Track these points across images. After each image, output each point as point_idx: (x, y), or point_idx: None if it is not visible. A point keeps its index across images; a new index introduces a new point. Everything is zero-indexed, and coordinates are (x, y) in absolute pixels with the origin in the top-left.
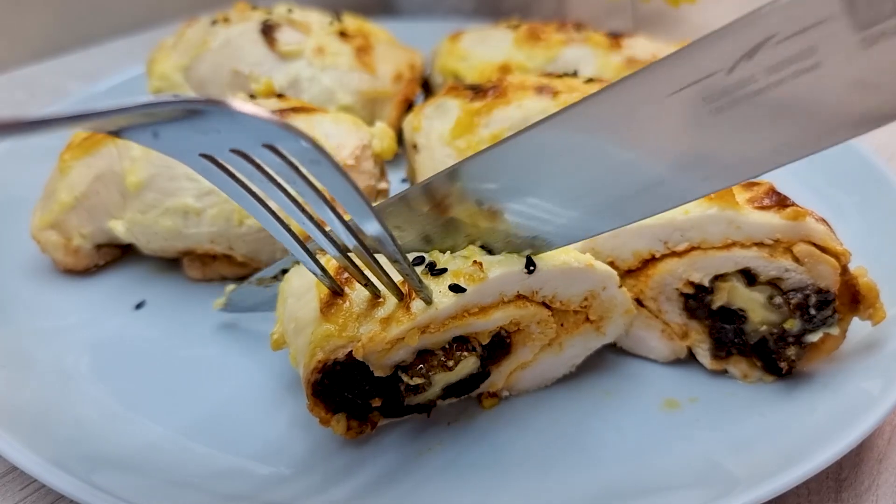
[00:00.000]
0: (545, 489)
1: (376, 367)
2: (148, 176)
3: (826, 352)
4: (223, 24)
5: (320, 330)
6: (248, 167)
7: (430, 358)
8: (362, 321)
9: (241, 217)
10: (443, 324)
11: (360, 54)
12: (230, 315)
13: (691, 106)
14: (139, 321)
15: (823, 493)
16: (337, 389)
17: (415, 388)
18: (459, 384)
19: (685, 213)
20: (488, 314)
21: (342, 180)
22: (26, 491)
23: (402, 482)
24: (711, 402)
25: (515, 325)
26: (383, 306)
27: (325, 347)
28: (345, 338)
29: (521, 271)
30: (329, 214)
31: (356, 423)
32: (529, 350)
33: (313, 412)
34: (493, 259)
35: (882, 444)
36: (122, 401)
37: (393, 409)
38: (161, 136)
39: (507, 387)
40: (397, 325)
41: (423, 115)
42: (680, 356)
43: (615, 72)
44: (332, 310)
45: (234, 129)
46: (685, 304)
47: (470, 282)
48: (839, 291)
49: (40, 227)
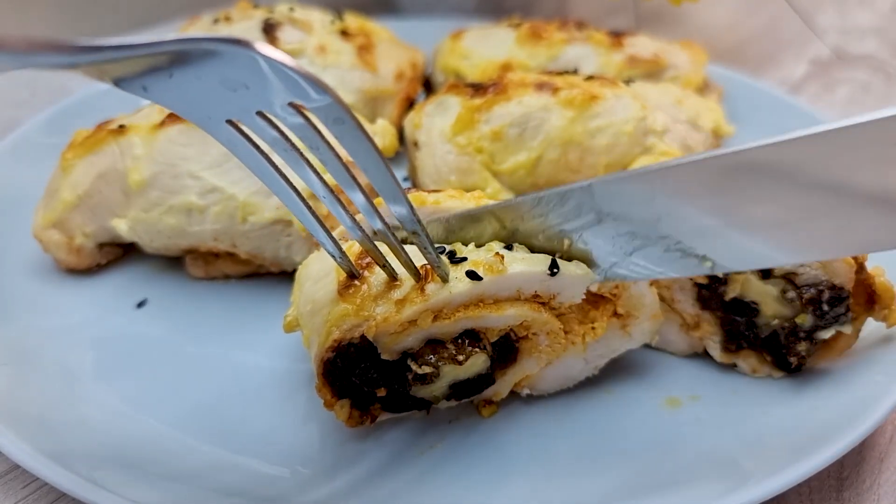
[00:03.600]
0: (548, 488)
1: (385, 349)
2: (151, 174)
3: (838, 350)
4: (225, 22)
5: (337, 309)
6: (272, 136)
7: (441, 349)
8: (378, 302)
9: (245, 214)
10: (455, 310)
11: (361, 53)
12: (232, 314)
13: None
14: (142, 320)
15: (825, 492)
16: (346, 373)
17: (422, 378)
18: (465, 384)
19: None
20: (502, 308)
21: (364, 140)
22: (29, 489)
23: (403, 480)
24: (713, 401)
25: (526, 329)
26: (400, 288)
27: (342, 326)
28: (361, 317)
29: (543, 272)
30: (352, 184)
31: (357, 413)
32: (535, 362)
33: (320, 392)
34: (516, 255)
35: (884, 442)
36: (124, 399)
37: (394, 404)
38: (182, 85)
39: (529, 385)
40: (411, 305)
41: (424, 112)
42: (697, 350)
43: (616, 70)
44: (349, 290)
45: (257, 76)
46: (698, 294)
47: (488, 272)
48: (855, 290)
49: (43, 226)
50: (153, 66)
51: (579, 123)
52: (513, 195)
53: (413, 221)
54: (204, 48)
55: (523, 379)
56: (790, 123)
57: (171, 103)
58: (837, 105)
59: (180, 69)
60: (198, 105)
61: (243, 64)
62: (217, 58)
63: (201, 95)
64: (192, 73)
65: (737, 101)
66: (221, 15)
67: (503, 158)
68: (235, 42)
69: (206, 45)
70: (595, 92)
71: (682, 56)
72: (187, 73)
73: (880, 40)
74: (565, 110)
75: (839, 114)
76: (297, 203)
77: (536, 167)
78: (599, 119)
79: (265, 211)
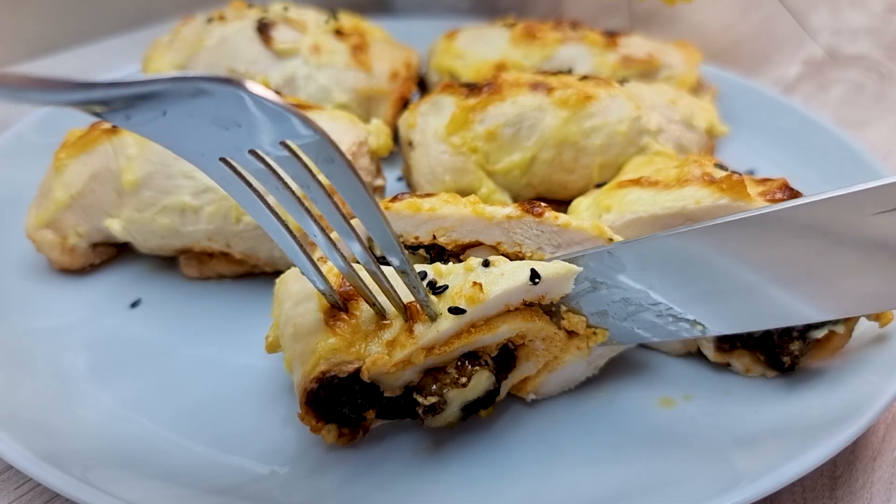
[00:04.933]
0: (543, 489)
1: (387, 387)
2: (144, 174)
3: (831, 350)
4: (219, 22)
5: (326, 343)
6: (262, 173)
7: (442, 376)
8: (369, 340)
9: (239, 214)
10: (448, 342)
11: (356, 52)
12: (226, 314)
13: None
14: (135, 320)
15: (818, 491)
16: (331, 402)
17: (432, 409)
18: (476, 402)
19: (696, 202)
20: (494, 327)
21: (356, 181)
22: (22, 489)
23: (397, 481)
24: (706, 401)
25: (521, 338)
26: (389, 328)
27: (331, 360)
28: (352, 354)
29: (524, 284)
30: (342, 224)
31: (348, 431)
32: (533, 365)
33: (304, 421)
34: (495, 274)
35: (876, 441)
36: (117, 399)
37: (387, 411)
38: (175, 123)
39: (534, 390)
40: (401, 349)
41: (419, 112)
42: (691, 350)
43: (611, 70)
44: (337, 322)
45: (248, 115)
46: None
47: (470, 303)
48: None
49: (36, 226)
50: (146, 104)
51: (574, 123)
52: (508, 195)
53: (402, 262)
54: (196, 87)
55: (528, 384)
56: (784, 123)
57: (164, 140)
58: (831, 105)
59: (173, 107)
60: (191, 142)
61: (234, 102)
62: (209, 96)
63: (195, 133)
64: (184, 111)
65: (731, 102)
66: (216, 14)
67: (498, 158)
68: (226, 81)
69: (198, 84)
70: (589, 92)
71: (677, 56)
72: (180, 111)
73: (873, 41)
74: (560, 110)
75: (832, 114)
76: (289, 241)
77: (531, 167)
78: (594, 119)
79: None
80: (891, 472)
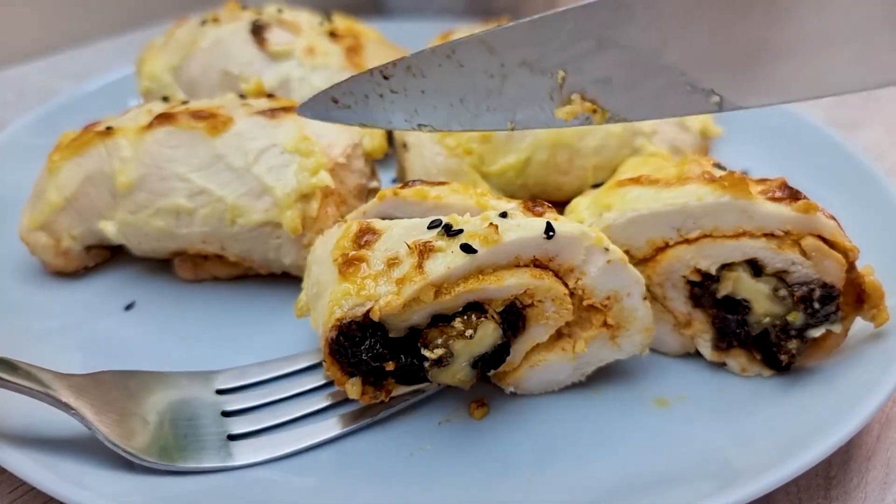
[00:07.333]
0: (537, 489)
1: (392, 328)
2: (139, 176)
3: (827, 349)
4: (213, 24)
5: (338, 289)
6: None
7: (448, 329)
8: (379, 280)
9: (233, 216)
10: (455, 284)
11: (350, 54)
12: (220, 317)
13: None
14: (130, 322)
15: (813, 490)
16: (352, 350)
17: (439, 362)
18: (485, 358)
19: (698, 199)
20: (502, 279)
21: None
22: (16, 493)
23: (392, 482)
24: (700, 401)
25: (530, 297)
26: (399, 266)
27: (343, 306)
28: (362, 297)
29: (539, 236)
30: None
31: (371, 389)
32: (544, 330)
33: (329, 371)
34: (511, 223)
35: (871, 441)
36: None
37: (407, 377)
38: None
39: (514, 383)
40: (411, 284)
41: None
42: (689, 350)
43: None
44: (349, 269)
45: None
46: (691, 291)
47: (484, 243)
48: (844, 289)
49: (29, 229)
50: None
51: None
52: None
53: None
54: None
55: (509, 375)
56: (777, 124)
57: None
58: (825, 104)
59: None
60: None
61: None
62: None
63: None
64: None
65: None
66: (210, 16)
67: (492, 160)
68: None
69: None
70: None
71: None
72: None
73: None
74: None
75: (826, 113)
76: None
77: (525, 169)
78: None
79: (254, 213)
80: (885, 471)
